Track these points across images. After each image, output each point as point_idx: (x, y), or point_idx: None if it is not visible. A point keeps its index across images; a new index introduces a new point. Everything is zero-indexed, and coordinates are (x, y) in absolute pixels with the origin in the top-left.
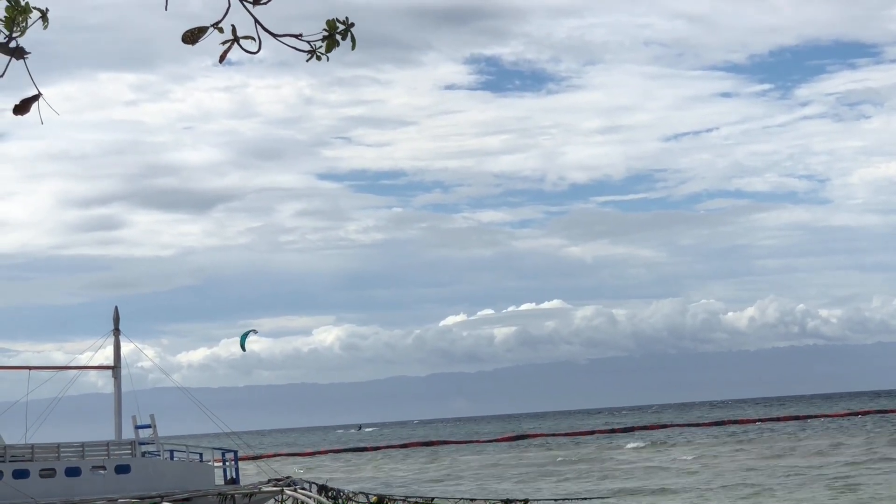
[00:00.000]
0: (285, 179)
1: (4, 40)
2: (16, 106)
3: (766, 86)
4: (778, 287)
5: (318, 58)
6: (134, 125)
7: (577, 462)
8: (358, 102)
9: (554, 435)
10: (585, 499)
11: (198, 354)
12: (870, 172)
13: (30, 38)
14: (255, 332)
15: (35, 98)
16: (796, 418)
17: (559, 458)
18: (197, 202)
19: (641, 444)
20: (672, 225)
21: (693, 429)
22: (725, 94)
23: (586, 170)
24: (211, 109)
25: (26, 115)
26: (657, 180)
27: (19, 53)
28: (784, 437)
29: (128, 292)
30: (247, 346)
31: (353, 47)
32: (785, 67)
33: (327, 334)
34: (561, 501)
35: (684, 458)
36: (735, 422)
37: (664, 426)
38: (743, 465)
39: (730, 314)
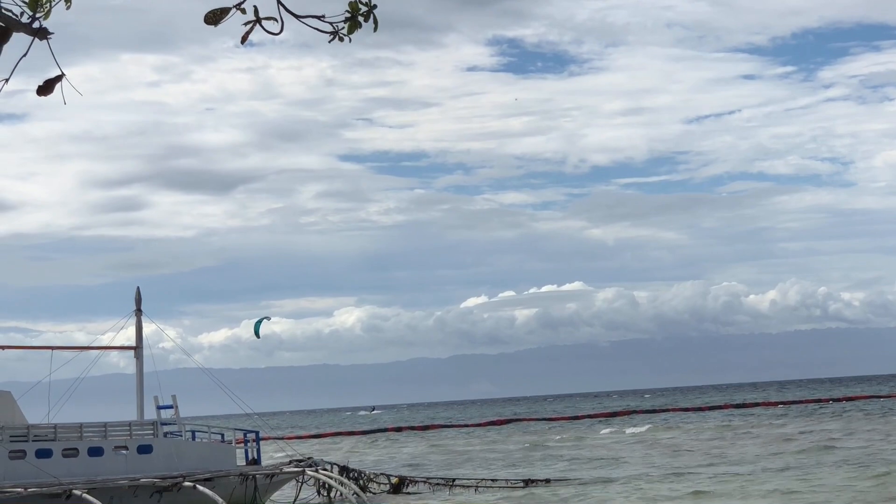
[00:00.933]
0: (307, 161)
1: (28, 21)
2: (39, 87)
3: (789, 68)
4: (800, 270)
5: (341, 39)
6: (156, 106)
7: (532, 448)
8: (380, 84)
9: (537, 419)
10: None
11: (219, 335)
12: (893, 155)
13: (52, 19)
14: (268, 318)
15: (58, 79)
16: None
17: (526, 445)
18: (218, 183)
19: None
20: (694, 207)
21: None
22: (748, 77)
23: (608, 152)
24: (233, 90)
25: (49, 96)
26: (679, 163)
27: (42, 34)
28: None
29: (149, 273)
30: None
31: (376, 29)
32: (808, 49)
33: (348, 315)
34: (587, 483)
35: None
36: (720, 407)
37: (645, 412)
38: (678, 450)
39: (752, 297)
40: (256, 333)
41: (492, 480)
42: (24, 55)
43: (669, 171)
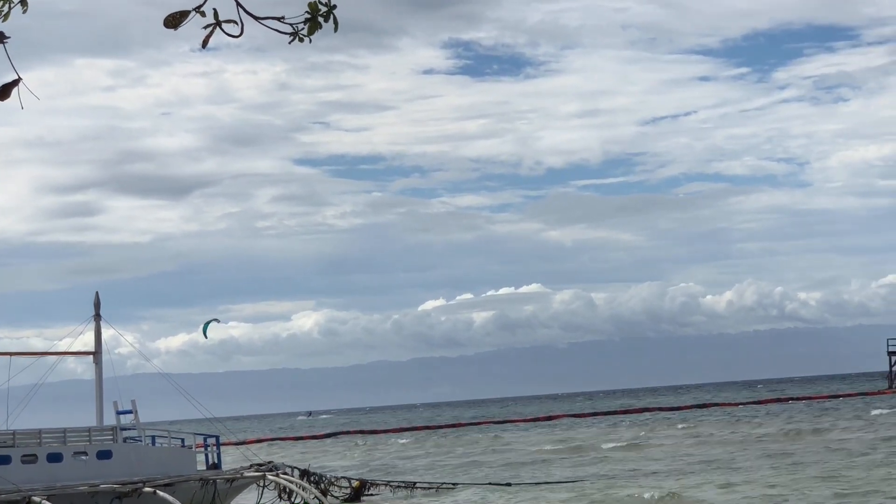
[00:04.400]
0: (262, 165)
1: None
2: None
3: (744, 69)
4: (757, 270)
5: (301, 40)
6: (111, 111)
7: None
8: (335, 87)
9: (466, 425)
10: (560, 482)
11: (177, 340)
12: (848, 155)
13: (7, 23)
14: (217, 320)
15: (15, 83)
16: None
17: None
18: (174, 188)
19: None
20: (651, 209)
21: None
22: (703, 78)
23: (563, 154)
24: (188, 95)
25: (5, 101)
26: (635, 164)
27: (0, 38)
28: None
29: (106, 278)
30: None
31: (336, 29)
32: (761, 51)
33: (306, 319)
34: (542, 485)
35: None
36: (657, 409)
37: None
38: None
39: (708, 297)
40: (204, 334)
41: (452, 484)
42: None
43: (626, 172)
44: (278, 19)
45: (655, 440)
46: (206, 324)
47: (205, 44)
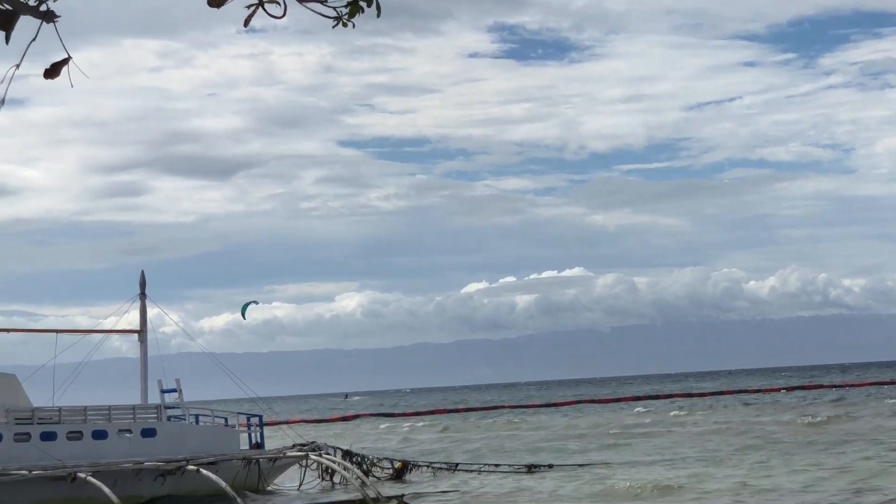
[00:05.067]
0: (307, 146)
1: (35, 3)
2: (46, 70)
3: (790, 55)
4: (801, 256)
5: (344, 24)
6: (157, 92)
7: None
8: (381, 70)
9: (494, 408)
10: (608, 463)
11: (221, 320)
12: (894, 142)
13: (58, 2)
14: (256, 302)
15: (65, 62)
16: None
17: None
18: (219, 169)
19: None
20: (695, 194)
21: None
22: (748, 64)
23: (607, 139)
24: (234, 76)
25: (55, 80)
26: (680, 149)
27: (49, 17)
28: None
29: (151, 258)
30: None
31: (379, 14)
32: (807, 37)
33: (350, 300)
34: (587, 467)
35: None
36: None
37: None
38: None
39: (752, 283)
40: (243, 315)
41: (495, 465)
42: (34, 39)
43: (670, 157)
44: (321, 2)
45: (689, 425)
46: (245, 305)
47: (246, 23)
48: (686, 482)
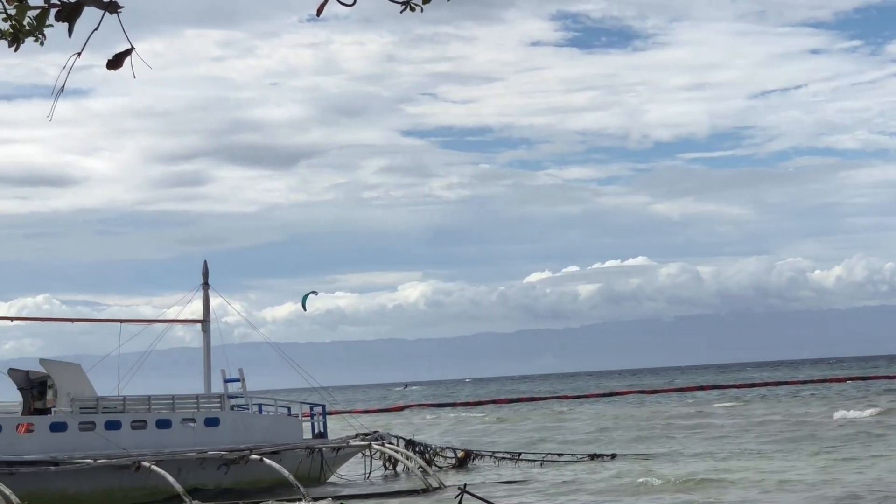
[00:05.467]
0: (369, 135)
1: None
2: (109, 60)
3: (856, 42)
4: (867, 245)
5: (413, 9)
6: (219, 81)
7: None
8: (443, 59)
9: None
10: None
11: (283, 310)
12: None
13: None
14: (315, 293)
15: (128, 52)
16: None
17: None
18: (281, 158)
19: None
20: (759, 182)
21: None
22: (814, 51)
23: (670, 127)
24: (296, 65)
25: (117, 70)
26: (744, 137)
27: (113, 7)
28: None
29: (214, 247)
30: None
31: None
32: (874, 24)
33: (412, 290)
34: (650, 456)
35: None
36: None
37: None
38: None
39: (817, 272)
40: (303, 306)
41: (557, 455)
42: (96, 28)
43: (734, 146)
44: None
45: (742, 416)
46: (305, 296)
47: (319, 11)
48: (739, 475)
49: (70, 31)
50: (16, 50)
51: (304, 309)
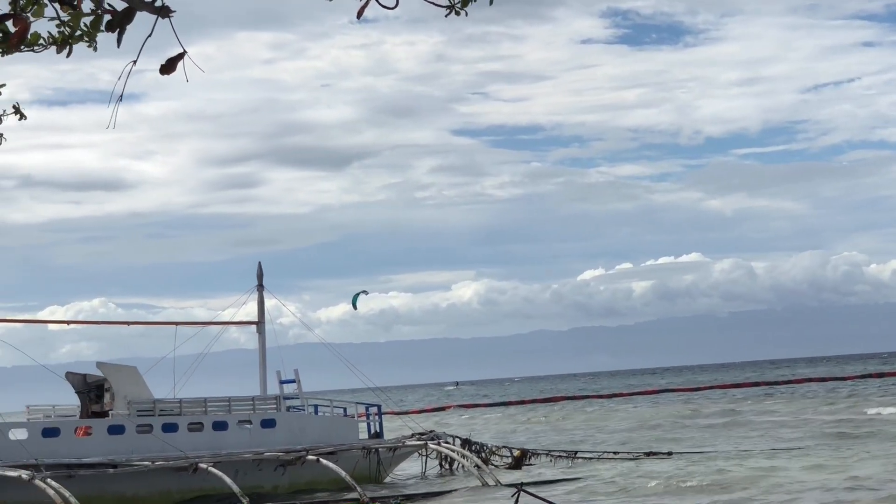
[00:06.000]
0: (421, 136)
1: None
2: (162, 66)
3: None
4: None
5: (457, 13)
6: (271, 84)
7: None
8: (493, 58)
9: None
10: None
11: (338, 310)
12: None
13: None
14: (365, 292)
15: (180, 57)
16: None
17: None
18: (333, 159)
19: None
20: (813, 177)
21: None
22: (867, 44)
23: (721, 123)
24: (347, 67)
25: (169, 75)
26: (796, 132)
27: (165, 12)
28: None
29: (267, 249)
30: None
31: (491, 2)
32: None
33: (466, 289)
34: (707, 453)
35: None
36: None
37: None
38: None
39: (873, 266)
40: (354, 305)
41: (613, 452)
42: (150, 35)
43: (787, 140)
44: None
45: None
46: (356, 295)
47: (360, 14)
48: (806, 474)
49: (120, 38)
50: (68, 56)
51: (355, 308)
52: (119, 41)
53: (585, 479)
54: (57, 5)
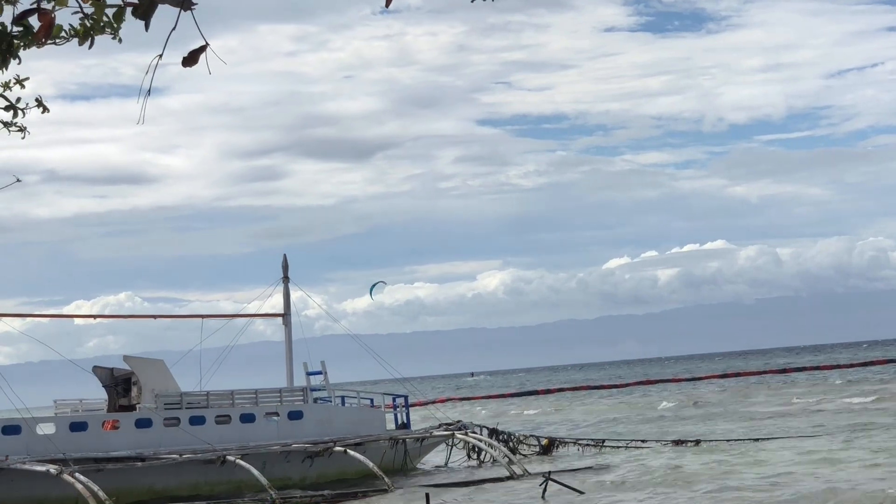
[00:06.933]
0: (444, 126)
1: None
2: (184, 58)
3: None
4: None
5: None
6: (293, 76)
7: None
8: (516, 47)
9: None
10: (757, 439)
11: (363, 301)
12: None
13: None
14: (384, 283)
15: (202, 49)
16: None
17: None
18: (357, 151)
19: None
20: (838, 162)
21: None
22: (891, 28)
23: (745, 109)
24: (370, 58)
25: (192, 67)
26: (821, 118)
27: (187, 4)
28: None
29: (293, 241)
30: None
31: None
32: None
33: (492, 279)
34: (734, 442)
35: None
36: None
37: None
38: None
39: None
40: (371, 295)
41: (641, 441)
42: (174, 28)
43: (811, 126)
44: None
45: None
46: (373, 286)
47: (388, 3)
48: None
49: (147, 24)
50: (90, 47)
51: (372, 298)
52: (147, 26)
53: (614, 467)
54: None
